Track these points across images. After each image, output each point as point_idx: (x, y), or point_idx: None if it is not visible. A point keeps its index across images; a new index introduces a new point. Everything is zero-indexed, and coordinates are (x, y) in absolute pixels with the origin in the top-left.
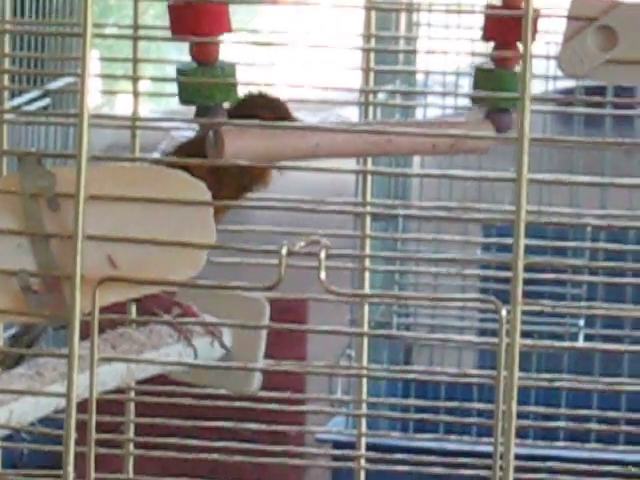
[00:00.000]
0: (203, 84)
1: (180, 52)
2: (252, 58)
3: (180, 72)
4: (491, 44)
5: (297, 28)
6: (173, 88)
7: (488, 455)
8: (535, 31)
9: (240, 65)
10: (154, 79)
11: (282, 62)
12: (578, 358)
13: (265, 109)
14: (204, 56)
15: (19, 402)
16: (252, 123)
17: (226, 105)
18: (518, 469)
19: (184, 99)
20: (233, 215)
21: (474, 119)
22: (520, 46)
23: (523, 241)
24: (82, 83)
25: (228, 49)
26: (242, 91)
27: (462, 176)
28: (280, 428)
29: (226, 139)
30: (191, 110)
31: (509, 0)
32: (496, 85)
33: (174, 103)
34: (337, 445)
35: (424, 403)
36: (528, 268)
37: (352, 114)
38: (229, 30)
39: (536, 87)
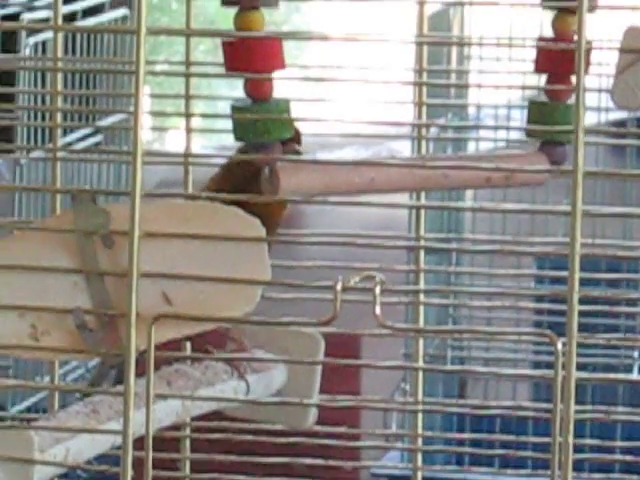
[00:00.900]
0: (258, 120)
1: (231, 88)
2: (302, 93)
3: (235, 109)
4: (543, 76)
5: (347, 63)
6: (224, 124)
7: None
8: (588, 63)
9: (291, 101)
10: (206, 116)
11: (332, 97)
12: (633, 390)
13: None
14: (258, 92)
15: (75, 440)
16: (307, 160)
17: None
18: None
19: (239, 136)
20: (287, 250)
21: (528, 152)
22: (573, 79)
23: (578, 274)
24: (135, 120)
25: (278, 85)
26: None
27: (515, 209)
28: (335, 463)
29: (282, 175)
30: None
31: (561, 33)
32: (550, 118)
33: (225, 139)
34: (392, 479)
35: (479, 437)
36: (582, 300)
37: (404, 148)
38: (283, 66)
39: (588, 119)
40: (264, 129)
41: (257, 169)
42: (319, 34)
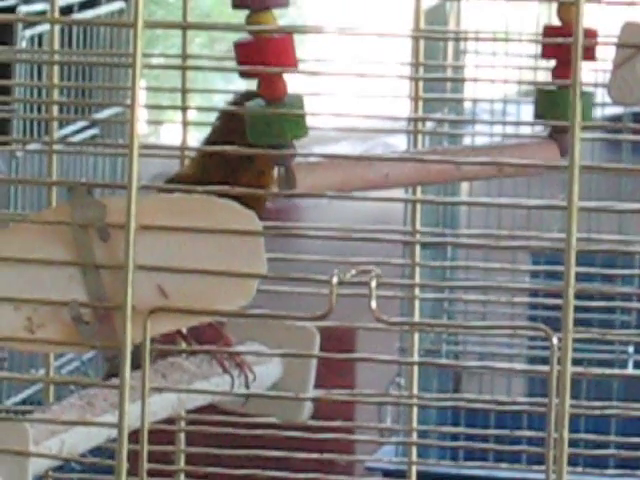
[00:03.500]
0: (273, 122)
1: (227, 81)
2: (298, 87)
3: (249, 112)
4: (537, 71)
5: (343, 57)
6: None
7: None
8: (592, 57)
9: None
10: (202, 109)
11: (328, 91)
12: (628, 385)
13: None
14: (273, 93)
15: (70, 432)
16: (323, 154)
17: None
18: None
19: (254, 139)
20: (282, 244)
21: (539, 140)
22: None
23: (574, 269)
24: (132, 113)
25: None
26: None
27: (511, 204)
28: (330, 457)
29: (298, 175)
30: None
31: (567, 19)
32: (558, 105)
33: None
34: (387, 473)
35: (474, 431)
36: (577, 295)
37: (399, 142)
38: (295, 65)
39: None
40: (280, 131)
41: (233, 158)
42: (315, 28)
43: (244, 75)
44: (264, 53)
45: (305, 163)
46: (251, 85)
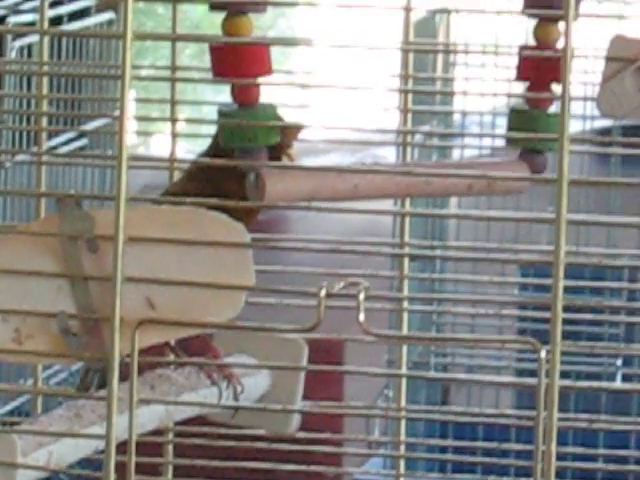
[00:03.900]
0: (245, 126)
1: (217, 93)
2: (287, 99)
3: (222, 114)
4: (527, 84)
5: (332, 69)
6: (210, 129)
7: None
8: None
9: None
10: (192, 121)
11: (317, 103)
12: (615, 398)
13: None
14: (246, 98)
15: (58, 444)
16: (293, 165)
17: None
18: None
19: (226, 141)
20: (271, 255)
21: (509, 160)
22: (555, 87)
23: (562, 282)
24: (121, 124)
25: (263, 90)
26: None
27: (500, 217)
28: (318, 469)
29: (267, 182)
30: None
31: (543, 41)
32: (530, 125)
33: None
34: None
35: (462, 444)
36: (566, 308)
37: (388, 154)
38: (269, 72)
39: (573, 127)
40: (251, 135)
41: (222, 172)
42: (304, 40)
43: (218, 77)
44: (238, 58)
45: (275, 170)
46: None
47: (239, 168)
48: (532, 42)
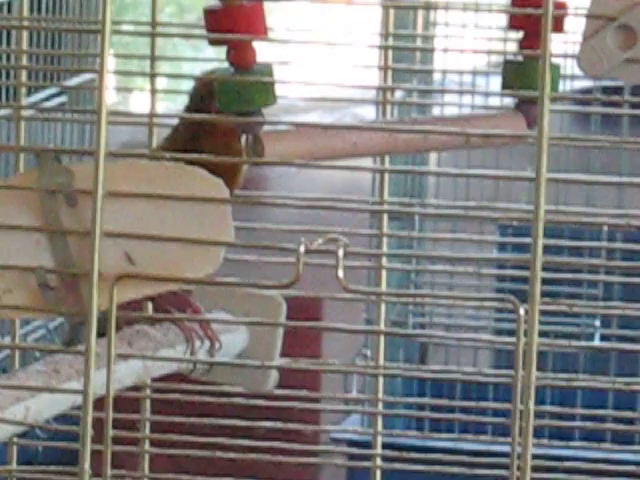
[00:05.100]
0: (242, 88)
1: (196, 50)
2: (267, 56)
3: (218, 77)
4: (508, 42)
5: (312, 26)
6: (189, 86)
7: (504, 455)
8: (561, 29)
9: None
10: (171, 76)
11: (297, 60)
12: (594, 358)
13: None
14: (242, 61)
15: (35, 399)
16: (291, 122)
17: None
18: (534, 469)
19: (223, 104)
20: (250, 213)
21: (505, 112)
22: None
23: (542, 240)
24: (100, 80)
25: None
26: None
27: (480, 174)
28: (295, 426)
29: (266, 143)
30: None
31: None
32: (525, 76)
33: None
34: (352, 444)
35: (440, 402)
36: (545, 267)
37: (368, 113)
38: (265, 33)
39: None
40: (249, 98)
41: (206, 127)
42: None
43: (214, 43)
44: (234, 20)
45: (273, 131)
46: (220, 53)
47: (221, 124)
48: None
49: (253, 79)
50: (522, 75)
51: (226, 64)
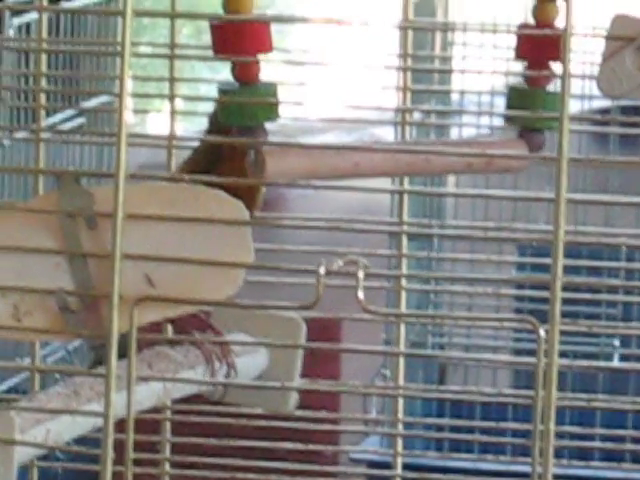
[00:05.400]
0: (245, 104)
1: (214, 72)
2: (285, 77)
3: (222, 92)
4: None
5: (330, 47)
6: (207, 107)
7: (523, 475)
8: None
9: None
10: (189, 98)
11: (315, 81)
12: (613, 378)
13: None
14: (246, 76)
15: (56, 421)
16: (293, 143)
17: None
18: None
19: (225, 119)
20: (269, 234)
21: (508, 139)
22: (553, 65)
23: (561, 261)
24: (120, 102)
25: (263, 68)
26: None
27: (499, 196)
28: (315, 447)
29: (268, 160)
30: None
31: (542, 20)
32: (529, 104)
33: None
34: (371, 465)
35: (460, 423)
36: (564, 288)
37: (386, 134)
38: (270, 49)
39: (572, 107)
40: (251, 113)
41: (226, 150)
42: (302, 17)
43: (218, 55)
44: (239, 35)
45: (276, 148)
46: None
47: (240, 147)
48: (531, 20)
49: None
50: (526, 102)
51: None
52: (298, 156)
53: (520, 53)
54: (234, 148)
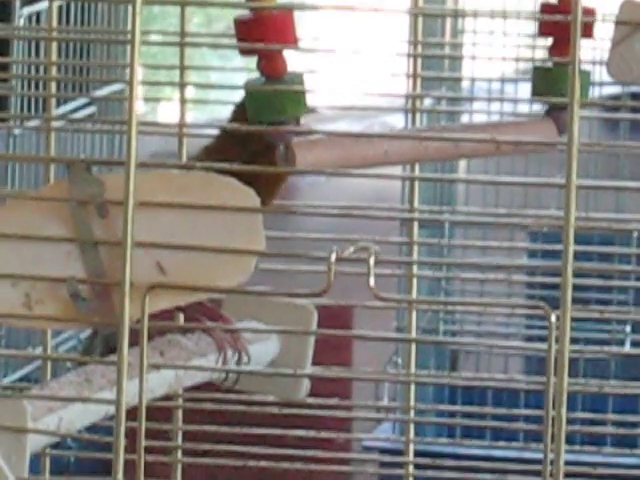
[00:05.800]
0: (274, 98)
1: (223, 60)
2: (295, 65)
3: (249, 88)
4: (536, 49)
5: (341, 35)
6: (217, 95)
7: (536, 461)
8: (590, 35)
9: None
10: (200, 86)
11: (325, 69)
12: (625, 364)
13: None
14: (273, 70)
15: (68, 409)
16: (323, 131)
17: None
18: (567, 475)
19: (254, 115)
20: (280, 222)
21: (535, 119)
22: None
23: (572, 247)
24: (130, 90)
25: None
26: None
27: (509, 182)
28: (327, 435)
29: (297, 152)
30: None
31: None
32: (555, 83)
33: (217, 111)
34: (384, 452)
35: (472, 409)
36: (575, 274)
37: (397, 121)
38: (295, 42)
39: None
40: (280, 107)
41: (254, 140)
42: (312, 5)
43: (244, 52)
44: (264, 29)
45: (304, 140)
46: (248, 62)
47: (267, 139)
48: (538, 8)
49: (284, 87)
50: (552, 81)
51: (255, 73)
52: (327, 147)
53: (544, 31)
54: (260, 141)
